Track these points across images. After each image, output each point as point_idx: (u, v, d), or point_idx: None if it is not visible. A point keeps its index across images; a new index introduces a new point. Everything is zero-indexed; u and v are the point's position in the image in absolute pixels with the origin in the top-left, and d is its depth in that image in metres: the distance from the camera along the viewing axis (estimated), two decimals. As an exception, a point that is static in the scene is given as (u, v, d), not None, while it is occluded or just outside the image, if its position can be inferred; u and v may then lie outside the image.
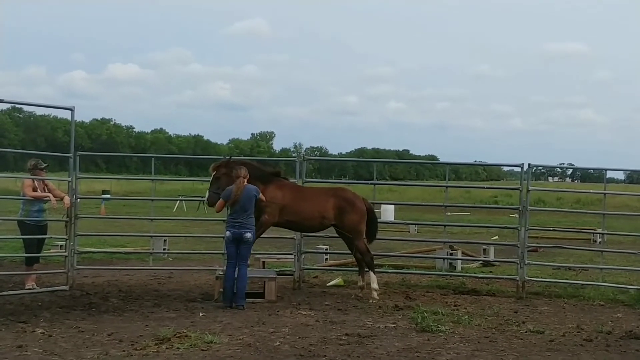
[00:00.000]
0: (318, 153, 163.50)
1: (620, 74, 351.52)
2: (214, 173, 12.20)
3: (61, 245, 15.15)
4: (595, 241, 23.61)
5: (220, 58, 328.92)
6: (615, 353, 8.85)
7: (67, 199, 12.57)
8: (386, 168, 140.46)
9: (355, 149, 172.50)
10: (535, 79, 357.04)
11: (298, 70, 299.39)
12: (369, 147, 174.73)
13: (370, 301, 12.12)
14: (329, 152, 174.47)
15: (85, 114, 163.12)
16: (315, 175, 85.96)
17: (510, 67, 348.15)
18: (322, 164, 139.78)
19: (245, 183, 11.49)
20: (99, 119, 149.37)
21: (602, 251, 15.68)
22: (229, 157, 12.59)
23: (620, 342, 9.46)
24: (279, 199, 12.09)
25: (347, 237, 12.75)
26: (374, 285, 12.55)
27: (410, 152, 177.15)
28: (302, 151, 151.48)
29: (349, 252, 14.66)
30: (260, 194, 11.61)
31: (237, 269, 11.39)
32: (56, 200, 12.33)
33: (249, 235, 11.39)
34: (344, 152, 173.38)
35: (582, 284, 14.02)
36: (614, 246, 19.76)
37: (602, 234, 17.19)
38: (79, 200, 13.26)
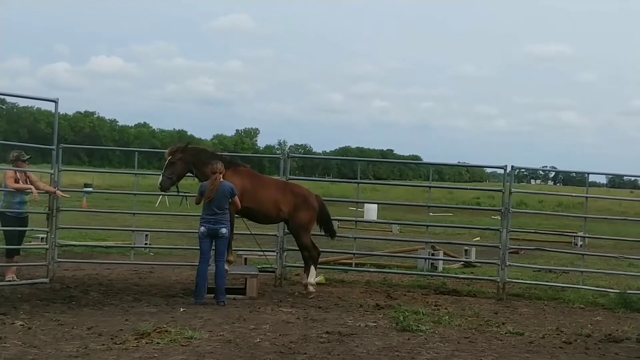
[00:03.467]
0: (302, 151, 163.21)
1: (605, 77, 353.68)
2: (170, 158, 12.04)
3: (42, 238, 15.06)
4: (576, 244, 23.77)
5: (204, 53, 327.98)
6: (594, 356, 8.90)
7: (59, 192, 12.56)
8: (370, 167, 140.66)
9: (340, 148, 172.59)
10: (520, 80, 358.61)
11: (283, 67, 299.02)
12: (354, 146, 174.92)
13: (308, 297, 12.19)
14: (313, 150, 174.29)
15: (68, 107, 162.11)
16: (298, 173, 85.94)
17: (495, 68, 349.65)
18: (306, 161, 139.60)
19: (221, 179, 11.41)
20: (82, 111, 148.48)
21: (583, 254, 15.78)
22: (186, 143, 12.53)
23: (599, 345, 9.52)
24: (237, 185, 11.74)
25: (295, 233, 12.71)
26: (311, 279, 12.56)
27: (394, 152, 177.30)
28: (287, 148, 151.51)
29: (331, 250, 14.70)
30: (236, 197, 11.50)
31: (215, 265, 11.35)
32: (38, 193, 12.26)
33: (224, 230, 11.32)
34: (328, 151, 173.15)
35: (563, 287, 14.09)
36: (595, 250, 19.89)
37: (584, 237, 17.30)
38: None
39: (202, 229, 11.32)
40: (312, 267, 12.61)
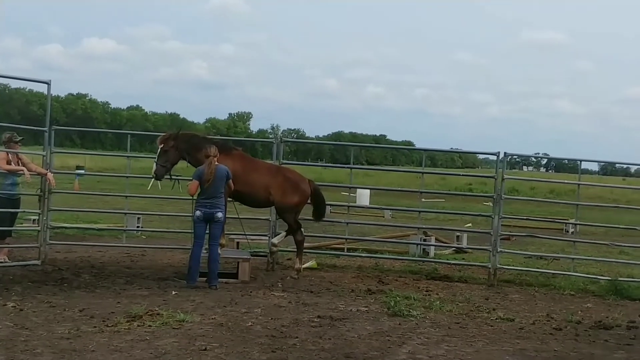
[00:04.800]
0: (295, 135, 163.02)
1: (599, 65, 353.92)
2: (162, 146, 12.07)
3: (34, 220, 15.02)
4: (568, 231, 23.86)
5: (197, 36, 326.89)
6: (584, 342, 8.94)
7: (50, 176, 12.50)
8: (363, 152, 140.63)
9: (333, 133, 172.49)
10: (514, 68, 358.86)
11: (276, 51, 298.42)
12: (347, 131, 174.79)
13: (287, 278, 12.24)
14: (306, 135, 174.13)
15: (60, 88, 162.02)
16: (291, 157, 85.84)
17: (490, 56, 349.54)
18: (299, 146, 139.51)
19: (216, 162, 11.39)
20: (75, 93, 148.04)
21: (574, 241, 15.82)
22: (178, 130, 12.53)
23: (590, 331, 9.57)
24: (229, 167, 11.71)
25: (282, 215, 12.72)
26: (297, 265, 12.65)
27: (388, 137, 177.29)
28: (280, 133, 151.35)
29: (324, 235, 14.73)
30: (231, 180, 11.51)
31: (209, 249, 11.36)
32: (30, 175, 12.21)
33: (220, 214, 11.32)
34: (321, 135, 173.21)
35: (554, 273, 14.15)
36: (586, 237, 19.93)
37: (575, 224, 17.33)
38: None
39: (198, 212, 11.30)
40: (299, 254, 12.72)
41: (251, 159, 13.22)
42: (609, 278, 13.49)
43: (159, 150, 12.06)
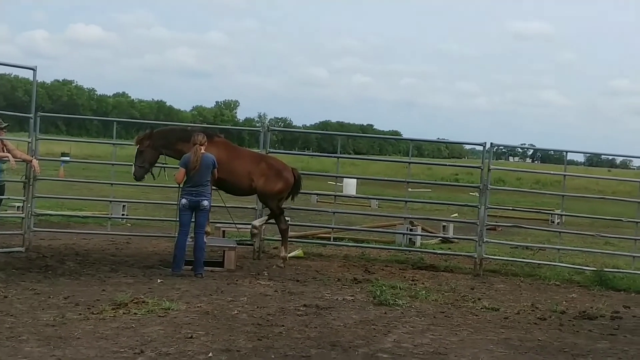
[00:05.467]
0: (282, 124, 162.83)
1: (586, 56, 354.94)
2: (138, 147, 12.06)
3: (18, 207, 14.95)
4: (554, 222, 23.98)
5: (184, 23, 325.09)
6: (568, 332, 8.99)
7: (35, 163, 12.40)
8: (350, 142, 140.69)
9: (320, 122, 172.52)
10: (501, 59, 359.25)
11: (264, 39, 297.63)
12: (334, 120, 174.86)
13: (274, 267, 12.25)
14: (293, 124, 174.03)
15: (46, 75, 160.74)
16: (278, 146, 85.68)
17: (477, 46, 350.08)
18: (286, 135, 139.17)
19: (203, 150, 11.34)
20: (61, 80, 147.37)
21: (559, 232, 15.91)
22: (151, 130, 12.43)
23: (574, 322, 9.62)
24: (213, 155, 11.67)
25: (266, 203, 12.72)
26: (283, 254, 12.65)
27: (375, 127, 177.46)
28: (267, 121, 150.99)
29: (310, 224, 14.70)
30: (216, 169, 11.47)
31: (195, 237, 11.32)
32: (15, 161, 12.12)
33: (205, 202, 11.28)
34: (308, 125, 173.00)
35: (539, 264, 14.21)
36: (572, 227, 20.03)
37: (561, 215, 17.42)
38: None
39: (184, 200, 11.24)
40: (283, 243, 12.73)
41: (234, 147, 13.16)
42: (594, 269, 13.56)
43: (136, 151, 12.03)
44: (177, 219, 11.55)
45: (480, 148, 13.99)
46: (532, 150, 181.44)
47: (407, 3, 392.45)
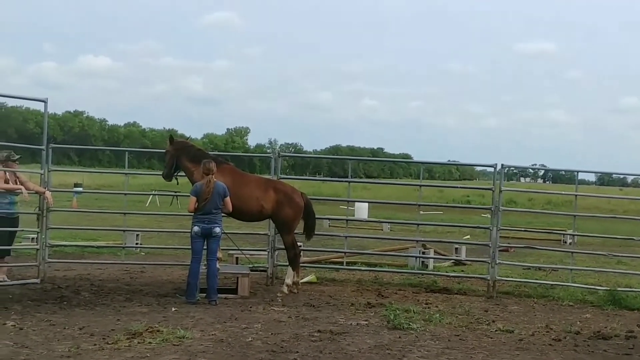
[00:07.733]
0: (293, 149, 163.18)
1: (592, 75, 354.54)
2: (166, 147, 12.89)
3: (33, 238, 15.03)
4: (566, 242, 23.85)
5: (192, 52, 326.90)
6: (584, 353, 8.96)
7: (48, 194, 12.51)
8: (361, 166, 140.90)
9: (330, 146, 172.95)
10: (508, 79, 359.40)
11: (272, 65, 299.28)
12: (344, 145, 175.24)
13: (278, 294, 12.21)
14: (304, 149, 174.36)
15: (57, 106, 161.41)
16: (289, 172, 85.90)
17: (483, 67, 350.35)
18: (297, 160, 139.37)
19: (214, 179, 11.43)
20: (72, 111, 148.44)
21: (572, 252, 15.83)
22: (171, 136, 13.14)
23: (589, 342, 9.58)
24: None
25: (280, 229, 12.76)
26: (288, 280, 12.61)
27: (385, 151, 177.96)
28: (277, 147, 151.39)
29: (323, 249, 14.71)
30: (228, 198, 11.53)
31: (207, 264, 11.37)
32: (28, 193, 12.24)
33: (217, 230, 11.35)
34: (318, 149, 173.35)
35: (552, 284, 14.16)
36: (584, 247, 19.95)
37: (573, 235, 17.36)
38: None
39: (196, 228, 11.32)
40: (290, 269, 12.68)
41: (242, 173, 13.26)
42: (607, 288, 13.51)
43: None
44: (190, 247, 11.61)
45: (492, 169, 14.01)
46: (543, 171, 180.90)
47: (411, 26, 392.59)
